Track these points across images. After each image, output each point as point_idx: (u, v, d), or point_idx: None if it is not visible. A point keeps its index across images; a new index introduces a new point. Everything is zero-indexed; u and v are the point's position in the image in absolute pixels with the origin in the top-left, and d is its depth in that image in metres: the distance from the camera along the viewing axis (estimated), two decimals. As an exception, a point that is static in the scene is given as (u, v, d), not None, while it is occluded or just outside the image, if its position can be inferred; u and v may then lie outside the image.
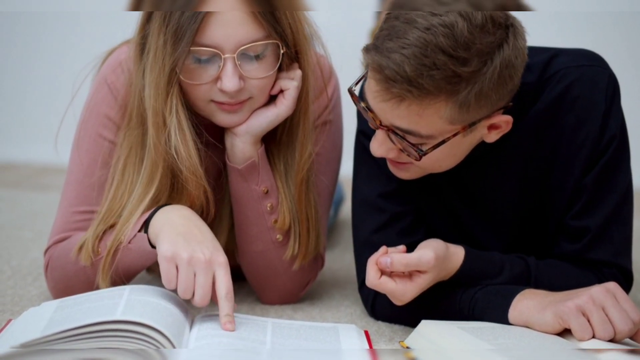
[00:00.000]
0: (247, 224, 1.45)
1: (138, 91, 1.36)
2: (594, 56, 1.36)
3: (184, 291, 1.23)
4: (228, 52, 1.30)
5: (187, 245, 1.24)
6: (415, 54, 1.15)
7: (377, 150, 1.29)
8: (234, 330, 1.23)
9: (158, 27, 1.30)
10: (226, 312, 1.23)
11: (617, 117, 1.33)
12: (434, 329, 1.25)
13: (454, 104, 1.19)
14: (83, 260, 1.36)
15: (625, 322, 1.20)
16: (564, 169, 1.35)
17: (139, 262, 1.35)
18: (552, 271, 1.36)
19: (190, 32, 1.27)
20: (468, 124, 1.23)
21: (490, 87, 1.19)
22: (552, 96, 1.33)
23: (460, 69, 1.16)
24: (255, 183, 1.42)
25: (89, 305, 1.22)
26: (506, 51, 1.18)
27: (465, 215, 1.42)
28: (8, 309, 1.47)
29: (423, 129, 1.22)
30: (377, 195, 1.43)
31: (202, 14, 1.27)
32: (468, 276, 1.33)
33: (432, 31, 1.15)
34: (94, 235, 1.36)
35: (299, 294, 1.53)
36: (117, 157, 1.40)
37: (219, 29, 1.29)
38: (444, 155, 1.28)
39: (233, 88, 1.31)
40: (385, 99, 1.20)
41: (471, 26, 1.16)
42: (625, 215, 1.37)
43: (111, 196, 1.39)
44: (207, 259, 1.24)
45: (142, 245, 1.33)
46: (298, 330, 1.29)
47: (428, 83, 1.16)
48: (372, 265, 1.29)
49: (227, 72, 1.30)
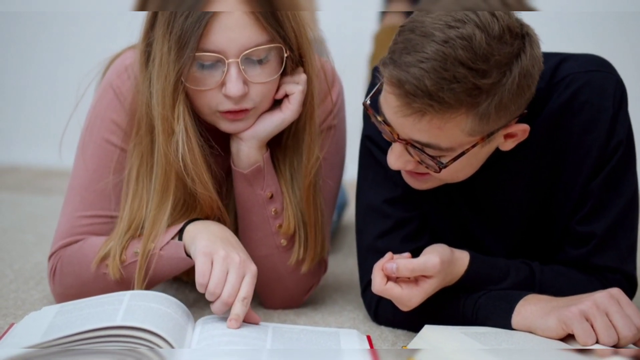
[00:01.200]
0: (251, 229, 1.45)
1: (145, 99, 1.37)
2: (602, 62, 1.36)
3: (216, 285, 1.26)
4: (232, 57, 1.30)
5: (224, 245, 1.30)
6: (434, 68, 1.15)
7: (394, 163, 1.29)
8: (237, 328, 1.25)
9: (162, 34, 1.31)
10: (237, 312, 1.26)
11: (624, 122, 1.33)
12: (437, 334, 1.25)
13: (474, 116, 1.19)
14: (111, 272, 1.36)
15: (629, 327, 1.20)
16: (570, 174, 1.35)
17: (168, 270, 1.37)
18: (557, 277, 1.36)
19: (194, 37, 1.28)
20: (487, 134, 1.23)
21: (510, 98, 1.19)
22: (560, 102, 1.33)
23: (480, 81, 1.16)
24: (261, 188, 1.43)
25: (90, 311, 1.22)
26: (524, 61, 1.19)
27: (471, 221, 1.42)
28: (11, 313, 1.46)
29: (443, 142, 1.22)
30: (382, 200, 1.43)
31: (206, 19, 1.28)
32: (473, 281, 1.33)
33: (450, 44, 1.15)
34: (120, 246, 1.37)
35: (302, 298, 1.53)
36: (130, 167, 1.41)
37: (222, 33, 1.29)
38: (462, 166, 1.28)
39: (237, 93, 1.31)
40: (406, 114, 1.20)
41: (489, 37, 1.15)
42: (631, 221, 1.37)
43: (128, 206, 1.40)
44: (242, 260, 1.29)
45: (175, 253, 1.35)
46: (299, 334, 1.29)
47: (449, 97, 1.15)
48: (378, 271, 1.29)
49: (232, 76, 1.31)
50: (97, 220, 1.43)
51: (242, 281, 1.28)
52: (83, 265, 1.39)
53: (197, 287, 1.28)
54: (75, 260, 1.41)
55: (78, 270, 1.40)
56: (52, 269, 1.44)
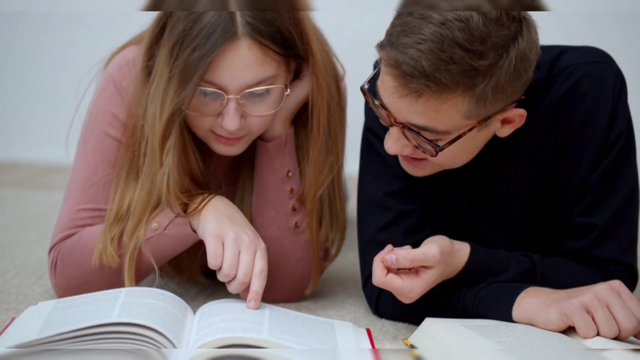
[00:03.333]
0: (266, 206, 1.46)
1: (142, 116, 1.37)
2: (602, 53, 1.36)
3: (230, 267, 1.29)
4: (232, 93, 1.30)
5: (232, 226, 1.33)
6: (432, 49, 1.15)
7: (391, 147, 1.29)
8: (257, 309, 1.29)
9: (165, 61, 1.30)
10: (256, 288, 1.30)
11: (624, 114, 1.34)
12: (438, 326, 1.25)
13: (471, 97, 1.19)
14: (111, 262, 1.37)
15: (629, 319, 1.20)
16: (571, 165, 1.35)
17: (174, 247, 1.40)
18: (558, 269, 1.36)
19: (198, 73, 1.26)
20: (483, 118, 1.23)
21: (507, 80, 1.19)
22: (559, 93, 1.33)
23: (477, 62, 1.16)
24: (280, 163, 1.44)
25: (85, 308, 1.22)
26: (521, 44, 1.19)
27: (471, 213, 1.42)
28: (12, 307, 1.47)
29: (439, 124, 1.22)
30: (383, 193, 1.43)
31: (212, 55, 1.26)
32: (474, 273, 1.33)
33: (447, 26, 1.15)
34: (110, 240, 1.37)
35: (304, 291, 1.53)
36: (120, 167, 1.41)
37: (226, 71, 1.28)
38: (459, 151, 1.28)
39: (234, 127, 1.32)
40: (403, 94, 1.20)
41: (486, 20, 1.16)
42: (631, 212, 1.37)
43: (117, 199, 1.40)
44: (251, 239, 1.32)
45: (181, 230, 1.37)
46: (294, 318, 1.30)
47: (446, 77, 1.16)
48: (378, 263, 1.29)
49: (229, 112, 1.31)
50: (97, 213, 1.43)
51: (256, 258, 1.31)
52: (85, 254, 1.39)
53: (210, 267, 1.31)
54: (76, 250, 1.41)
55: (80, 260, 1.40)
56: (52, 262, 1.44)
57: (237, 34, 1.26)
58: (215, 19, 1.26)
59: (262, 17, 1.28)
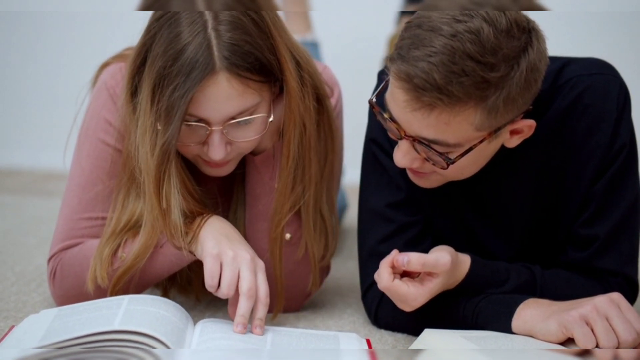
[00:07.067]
0: (258, 219, 1.45)
1: (135, 154, 1.35)
2: (605, 65, 1.36)
3: (229, 286, 1.28)
4: (215, 125, 1.30)
5: (231, 244, 1.32)
6: (443, 62, 1.15)
7: (401, 160, 1.29)
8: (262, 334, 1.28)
9: (147, 100, 1.29)
10: (260, 315, 1.29)
11: (628, 126, 1.34)
12: (437, 337, 1.25)
13: (482, 109, 1.19)
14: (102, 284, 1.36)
15: (629, 332, 1.20)
16: (574, 176, 1.35)
17: (169, 266, 1.38)
18: (558, 280, 1.36)
19: (180, 111, 1.25)
20: (494, 129, 1.23)
21: (517, 91, 1.19)
22: (563, 104, 1.34)
23: (489, 74, 1.16)
24: (269, 176, 1.43)
25: (87, 316, 1.22)
26: (531, 55, 1.19)
27: (475, 224, 1.42)
28: (12, 315, 1.47)
29: (450, 137, 1.22)
30: (385, 205, 1.43)
31: (192, 92, 1.25)
32: (474, 284, 1.33)
33: (458, 38, 1.15)
34: (101, 260, 1.36)
35: (302, 302, 1.53)
36: (118, 191, 1.41)
37: (207, 104, 1.28)
38: (469, 163, 1.28)
39: (219, 157, 1.32)
40: (415, 108, 1.20)
41: (497, 31, 1.16)
42: (633, 224, 1.37)
43: (114, 221, 1.40)
44: (251, 257, 1.31)
45: (177, 252, 1.35)
46: (298, 337, 1.29)
47: (458, 90, 1.16)
48: (386, 267, 1.28)
49: (214, 142, 1.31)
50: (95, 222, 1.43)
51: (257, 280, 1.30)
52: (84, 267, 1.39)
53: (207, 288, 1.29)
54: (76, 263, 1.41)
55: (79, 272, 1.40)
56: (52, 271, 1.44)
57: (215, 68, 1.25)
58: (193, 54, 1.25)
59: (240, 49, 1.27)
